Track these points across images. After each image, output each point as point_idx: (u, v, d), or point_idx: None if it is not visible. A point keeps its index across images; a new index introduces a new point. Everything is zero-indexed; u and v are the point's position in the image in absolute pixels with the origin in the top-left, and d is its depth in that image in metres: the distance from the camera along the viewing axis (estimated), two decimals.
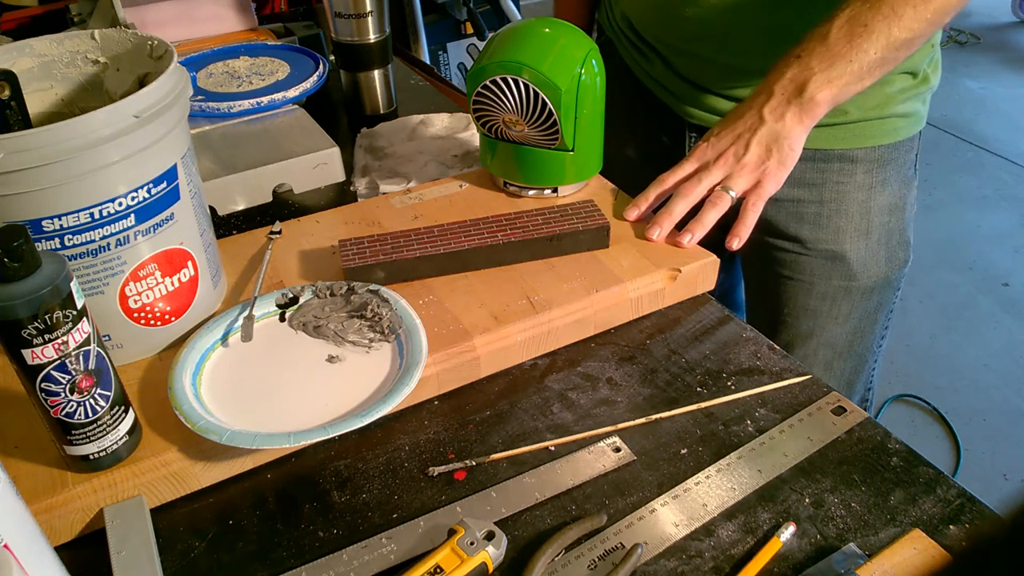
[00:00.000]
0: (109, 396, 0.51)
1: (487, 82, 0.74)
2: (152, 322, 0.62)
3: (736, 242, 0.71)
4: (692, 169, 0.73)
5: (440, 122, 1.01)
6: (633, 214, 0.75)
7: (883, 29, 0.66)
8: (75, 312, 0.47)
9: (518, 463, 0.57)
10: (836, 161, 0.84)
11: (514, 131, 0.77)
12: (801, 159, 0.84)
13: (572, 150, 0.77)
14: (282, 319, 0.66)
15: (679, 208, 0.72)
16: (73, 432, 0.51)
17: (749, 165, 0.71)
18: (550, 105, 0.73)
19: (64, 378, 0.48)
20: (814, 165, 0.84)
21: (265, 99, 0.96)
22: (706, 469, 0.56)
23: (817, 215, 0.86)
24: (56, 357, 0.47)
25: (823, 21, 0.69)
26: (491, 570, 0.49)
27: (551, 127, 0.75)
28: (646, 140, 0.98)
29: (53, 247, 0.55)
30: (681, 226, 0.73)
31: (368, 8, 0.99)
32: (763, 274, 0.95)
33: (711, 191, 0.72)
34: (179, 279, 0.63)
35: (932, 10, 0.66)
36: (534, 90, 0.73)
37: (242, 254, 0.75)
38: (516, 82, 0.73)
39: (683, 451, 0.58)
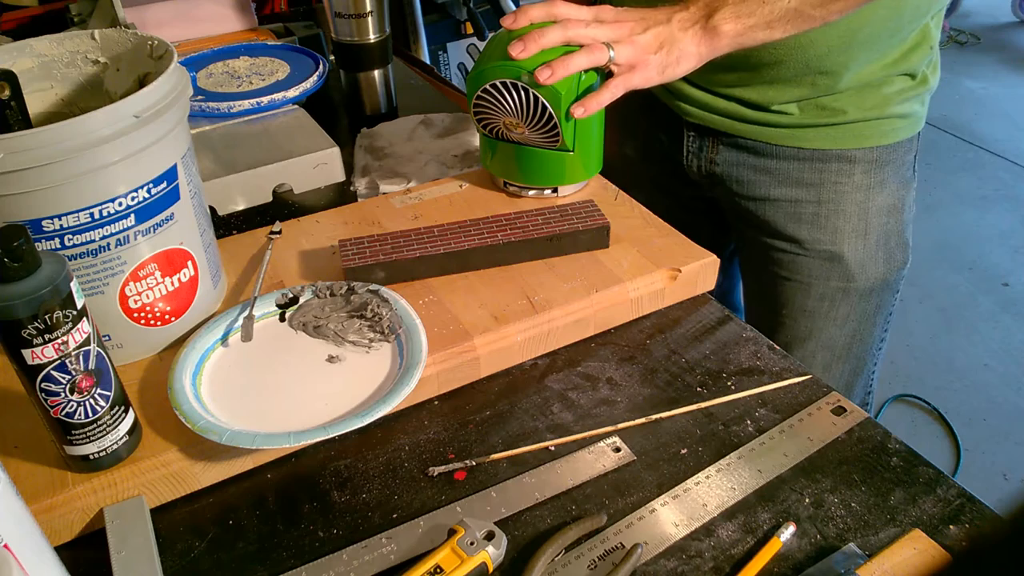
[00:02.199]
0: (109, 396, 0.51)
1: (487, 86, 0.74)
2: (152, 322, 0.62)
3: (580, 111, 0.68)
4: (585, 16, 0.71)
5: (440, 122, 1.01)
6: (508, 21, 0.72)
7: None
8: (75, 312, 0.47)
9: (518, 463, 0.57)
10: (834, 161, 0.84)
11: (515, 133, 0.77)
12: (799, 159, 0.84)
13: (572, 150, 0.77)
14: (282, 319, 0.66)
15: (553, 36, 0.69)
16: (73, 432, 0.51)
17: (639, 44, 0.69)
18: (550, 109, 0.73)
19: (64, 378, 0.48)
20: (812, 165, 0.84)
21: (265, 99, 0.96)
22: (706, 469, 0.56)
23: (815, 215, 0.86)
24: (56, 357, 0.47)
25: None
26: (491, 570, 0.49)
27: (551, 129, 0.75)
28: (644, 139, 0.98)
29: (53, 247, 0.55)
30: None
31: (368, 8, 0.99)
32: (761, 275, 0.95)
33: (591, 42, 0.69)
34: (179, 279, 0.63)
35: None
36: (534, 94, 0.73)
37: (242, 254, 0.75)
38: (515, 86, 0.73)
39: (683, 451, 0.58)
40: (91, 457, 0.52)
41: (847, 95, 0.80)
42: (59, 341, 0.47)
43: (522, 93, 0.73)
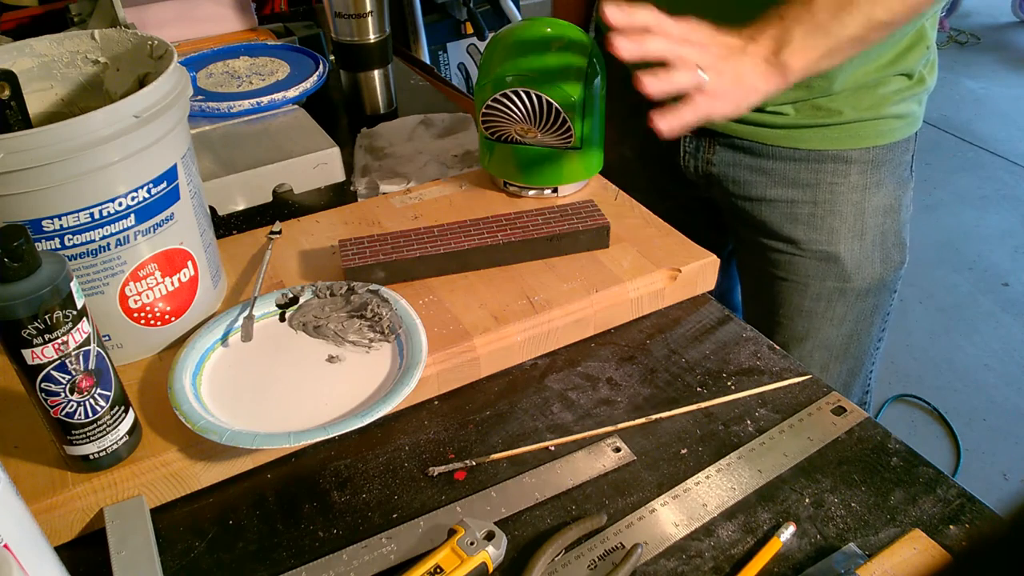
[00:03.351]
0: (109, 396, 0.51)
1: (498, 95, 0.74)
2: (152, 322, 0.62)
3: (665, 124, 0.65)
4: (681, 32, 0.67)
5: (440, 122, 1.01)
6: (614, 15, 0.66)
7: (866, 8, 0.65)
8: (75, 312, 0.47)
9: (518, 463, 0.57)
10: (830, 162, 0.83)
11: (527, 138, 0.77)
12: (795, 159, 0.84)
13: (581, 148, 0.77)
14: (282, 319, 0.66)
15: (656, 46, 0.65)
16: (73, 432, 0.51)
17: (724, 76, 0.67)
18: (564, 113, 0.73)
19: (64, 378, 0.48)
20: (808, 165, 0.84)
21: (265, 99, 0.96)
22: (706, 469, 0.56)
23: (811, 216, 0.86)
24: (56, 357, 0.47)
25: None
26: (491, 570, 0.49)
27: (565, 131, 0.75)
28: (641, 140, 0.98)
29: (53, 247, 0.55)
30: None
31: (368, 8, 0.99)
32: (758, 275, 0.95)
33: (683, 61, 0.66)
34: (179, 279, 0.63)
35: None
36: (547, 100, 0.73)
37: (242, 254, 0.75)
38: (528, 94, 0.73)
39: (683, 451, 0.58)
40: (91, 457, 0.52)
41: (843, 95, 0.80)
42: (59, 341, 0.47)
43: (534, 100, 0.74)
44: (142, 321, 0.61)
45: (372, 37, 1.02)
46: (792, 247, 0.88)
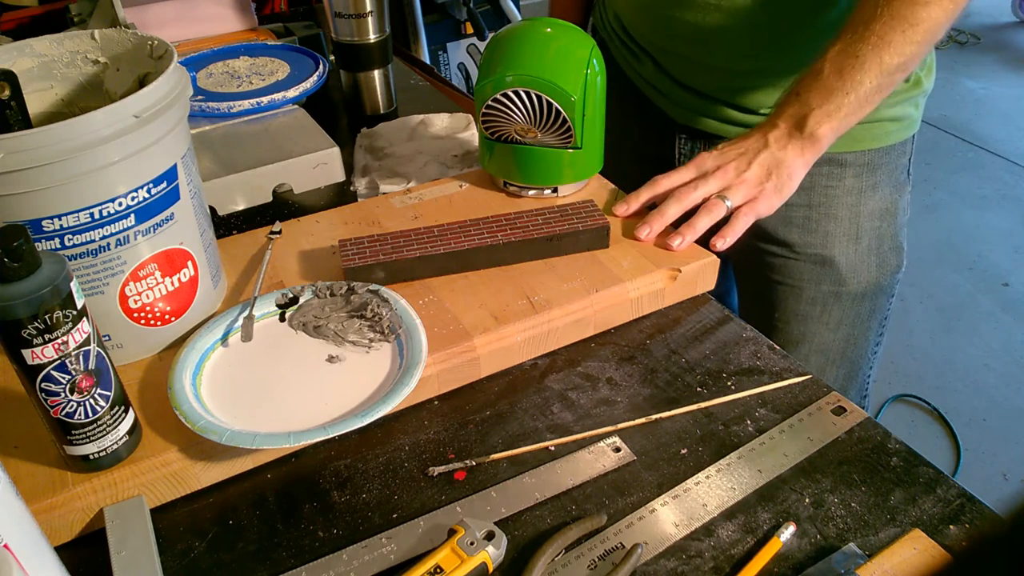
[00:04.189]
0: (109, 396, 0.51)
1: (498, 95, 0.74)
2: (152, 322, 0.62)
3: (721, 243, 0.70)
4: (690, 177, 0.73)
5: (440, 122, 1.01)
6: (622, 209, 0.75)
7: (874, 58, 0.66)
8: (75, 312, 0.47)
9: (518, 463, 0.57)
10: (825, 165, 0.83)
11: (527, 138, 0.77)
12: None
13: (581, 147, 0.77)
14: (282, 319, 0.66)
15: (672, 211, 0.72)
16: (73, 432, 0.51)
17: (749, 181, 0.71)
18: (564, 113, 0.73)
19: (64, 378, 0.48)
20: None
21: (265, 99, 0.96)
22: (706, 469, 0.56)
23: (806, 219, 0.86)
24: (56, 357, 0.47)
25: (817, 56, 0.69)
26: (491, 570, 0.49)
27: (565, 132, 0.75)
28: (639, 141, 0.98)
29: (53, 247, 0.55)
30: (673, 227, 0.73)
31: (368, 8, 0.99)
32: (754, 279, 0.95)
33: (706, 200, 0.72)
34: (179, 279, 0.63)
35: (921, 32, 0.66)
36: (547, 100, 0.73)
37: (242, 254, 0.75)
38: (528, 94, 0.73)
39: (683, 451, 0.58)
40: (91, 457, 0.52)
41: None
42: (59, 341, 0.47)
43: (534, 100, 0.74)
44: (142, 321, 0.61)
45: (372, 37, 1.02)
46: (787, 251, 0.88)
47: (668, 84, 0.88)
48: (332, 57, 1.13)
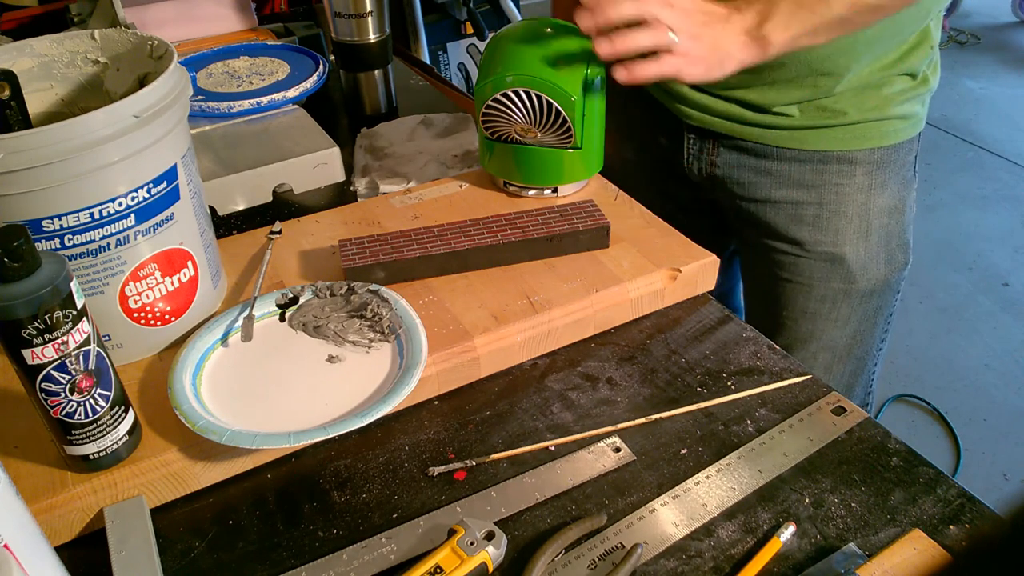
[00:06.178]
0: (109, 396, 0.51)
1: (498, 95, 0.74)
2: (152, 322, 0.62)
3: (624, 73, 0.65)
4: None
5: (440, 122, 1.01)
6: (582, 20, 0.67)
7: None
8: (75, 312, 0.47)
9: (518, 463, 0.57)
10: (835, 163, 0.83)
11: (527, 138, 0.77)
12: (799, 160, 0.84)
13: (581, 147, 0.77)
14: (282, 319, 0.66)
15: (626, 8, 0.65)
16: (73, 432, 0.51)
17: (700, 40, 0.67)
18: (564, 113, 0.73)
19: (64, 378, 0.48)
20: (813, 167, 0.84)
21: (265, 99, 0.96)
22: (706, 469, 0.56)
23: (816, 217, 0.86)
24: (56, 357, 0.47)
25: None
26: (491, 570, 0.49)
27: (565, 132, 0.75)
28: (644, 142, 0.98)
29: (53, 247, 0.55)
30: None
31: (368, 8, 0.99)
32: (762, 277, 0.95)
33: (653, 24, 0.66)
34: (179, 279, 0.63)
35: None
36: (547, 100, 0.73)
37: (242, 254, 0.75)
38: (528, 94, 0.73)
39: (683, 451, 0.58)
40: (91, 457, 0.52)
41: (847, 96, 0.80)
42: (59, 341, 0.47)
43: (534, 100, 0.74)
44: (142, 321, 0.61)
45: (372, 37, 1.02)
46: (797, 249, 0.88)
47: (676, 84, 0.88)
48: (332, 57, 1.13)
